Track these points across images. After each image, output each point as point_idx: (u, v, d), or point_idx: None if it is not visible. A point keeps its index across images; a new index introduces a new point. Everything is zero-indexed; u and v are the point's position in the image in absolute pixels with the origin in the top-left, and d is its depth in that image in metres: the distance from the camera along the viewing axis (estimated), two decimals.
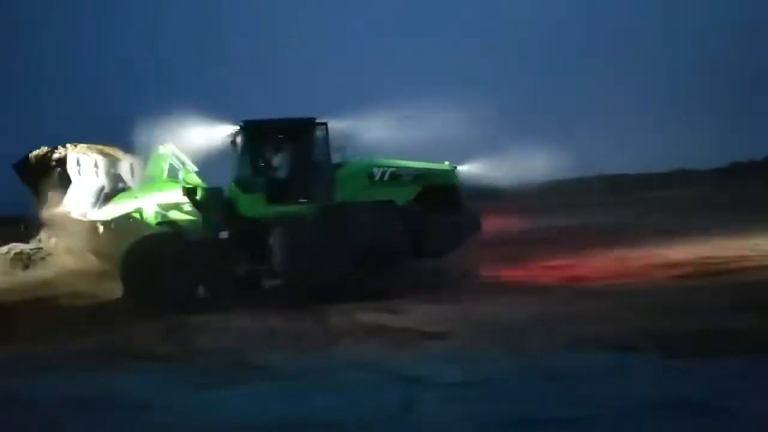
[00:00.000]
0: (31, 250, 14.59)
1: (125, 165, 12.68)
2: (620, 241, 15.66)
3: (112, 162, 12.47)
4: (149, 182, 11.73)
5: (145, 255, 10.78)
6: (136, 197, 11.55)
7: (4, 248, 14.89)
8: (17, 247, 14.91)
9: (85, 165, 11.84)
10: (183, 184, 11.46)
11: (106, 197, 11.96)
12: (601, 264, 13.20)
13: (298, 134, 11.42)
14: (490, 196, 14.52)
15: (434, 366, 6.79)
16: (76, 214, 11.67)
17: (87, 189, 11.78)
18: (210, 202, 11.14)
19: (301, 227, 10.83)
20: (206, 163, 11.90)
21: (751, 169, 38.08)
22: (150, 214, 11.37)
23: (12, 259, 14.58)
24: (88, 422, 5.61)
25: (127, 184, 12.49)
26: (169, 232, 11.44)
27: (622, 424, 5.03)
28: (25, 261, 14.22)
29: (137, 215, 11.44)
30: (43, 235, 14.27)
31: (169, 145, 11.67)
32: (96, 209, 11.74)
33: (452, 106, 11.32)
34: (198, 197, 11.18)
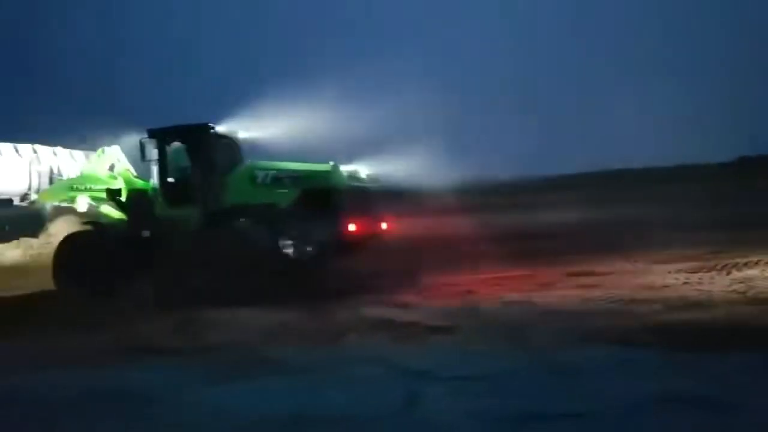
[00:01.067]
0: (40, 244, 14.70)
1: (47, 151, 13.07)
2: (626, 236, 15.66)
3: (34, 148, 12.85)
4: (87, 175, 12.23)
5: (72, 251, 11.33)
6: (71, 187, 12.08)
7: (14, 243, 15.02)
8: (27, 241, 15.03)
9: (2, 148, 12.21)
10: (116, 178, 11.95)
11: (39, 180, 12.42)
12: (607, 258, 13.22)
13: (190, 139, 11.58)
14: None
15: (441, 360, 6.83)
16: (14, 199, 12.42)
17: (13, 171, 12.12)
18: (131, 203, 11.56)
19: (185, 232, 11.12)
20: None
21: (759, 163, 37.91)
22: (82, 206, 11.85)
23: (22, 254, 14.70)
24: (97, 418, 5.65)
25: (54, 169, 12.95)
26: (95, 229, 11.78)
27: (628, 418, 5.04)
28: (35, 255, 14.34)
29: (70, 205, 12.02)
30: (51, 228, 14.38)
31: (115, 146, 12.33)
32: (32, 193, 12.45)
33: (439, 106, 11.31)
34: (121, 198, 11.64)
